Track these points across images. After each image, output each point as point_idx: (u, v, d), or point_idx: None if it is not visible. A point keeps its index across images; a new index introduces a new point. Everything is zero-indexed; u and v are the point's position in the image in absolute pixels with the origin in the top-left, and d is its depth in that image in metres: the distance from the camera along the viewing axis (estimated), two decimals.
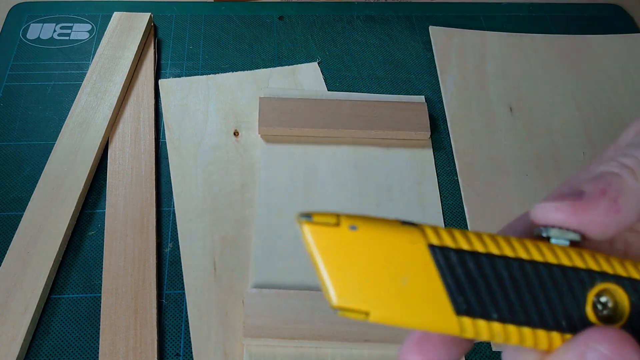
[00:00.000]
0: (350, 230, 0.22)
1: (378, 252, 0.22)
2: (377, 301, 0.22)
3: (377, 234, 0.22)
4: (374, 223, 0.22)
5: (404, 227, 0.22)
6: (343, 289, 0.22)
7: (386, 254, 0.22)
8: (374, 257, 0.22)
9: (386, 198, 0.44)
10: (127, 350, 0.35)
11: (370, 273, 0.22)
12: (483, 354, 0.37)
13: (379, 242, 0.22)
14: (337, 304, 0.22)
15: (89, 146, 0.44)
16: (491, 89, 0.51)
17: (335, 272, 0.22)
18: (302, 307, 0.37)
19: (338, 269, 0.22)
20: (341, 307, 0.22)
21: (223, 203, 0.43)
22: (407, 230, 0.22)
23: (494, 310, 0.22)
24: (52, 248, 0.39)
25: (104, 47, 0.51)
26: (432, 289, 0.22)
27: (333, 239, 0.22)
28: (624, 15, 0.60)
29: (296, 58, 0.53)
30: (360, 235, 0.22)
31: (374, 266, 0.22)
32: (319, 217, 0.22)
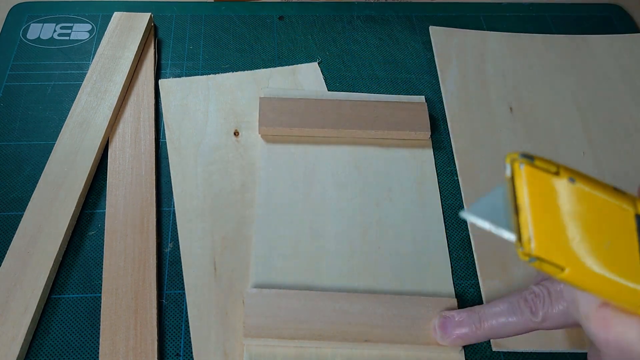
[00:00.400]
0: (569, 182, 0.22)
1: (588, 210, 0.22)
2: (576, 260, 0.21)
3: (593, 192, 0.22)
4: (591, 180, 0.22)
5: (617, 192, 0.22)
6: (545, 238, 0.21)
7: (595, 214, 0.22)
8: (583, 214, 0.22)
9: (386, 198, 0.44)
10: (127, 350, 0.35)
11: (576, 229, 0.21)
12: (483, 354, 0.37)
13: (592, 200, 0.22)
14: (536, 253, 0.21)
15: (89, 146, 0.44)
16: (491, 89, 0.51)
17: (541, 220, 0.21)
18: (302, 307, 0.37)
19: (544, 218, 0.21)
20: (539, 256, 0.21)
21: (223, 203, 0.43)
22: (621, 196, 0.22)
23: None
24: (52, 248, 0.39)
25: (104, 47, 0.51)
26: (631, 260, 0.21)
27: (548, 187, 0.22)
28: (624, 15, 0.60)
29: (296, 58, 0.53)
30: (576, 189, 0.22)
31: (580, 223, 0.21)
32: (541, 162, 0.22)
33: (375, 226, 0.42)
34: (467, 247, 0.42)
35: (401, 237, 0.42)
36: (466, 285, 0.40)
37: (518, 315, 0.32)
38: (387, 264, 0.40)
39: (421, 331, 0.36)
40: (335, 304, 0.37)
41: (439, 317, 0.36)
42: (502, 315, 0.33)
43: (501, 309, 0.33)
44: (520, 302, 0.32)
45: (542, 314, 0.30)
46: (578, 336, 0.37)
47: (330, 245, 0.41)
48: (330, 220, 0.42)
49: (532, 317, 0.31)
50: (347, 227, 0.42)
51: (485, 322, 0.33)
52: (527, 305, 0.31)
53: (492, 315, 0.33)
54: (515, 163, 0.22)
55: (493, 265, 0.41)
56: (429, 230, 0.42)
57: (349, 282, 0.39)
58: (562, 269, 0.21)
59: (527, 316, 0.31)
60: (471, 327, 0.34)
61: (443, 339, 0.35)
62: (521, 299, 0.32)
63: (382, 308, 0.37)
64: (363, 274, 0.40)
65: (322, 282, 0.39)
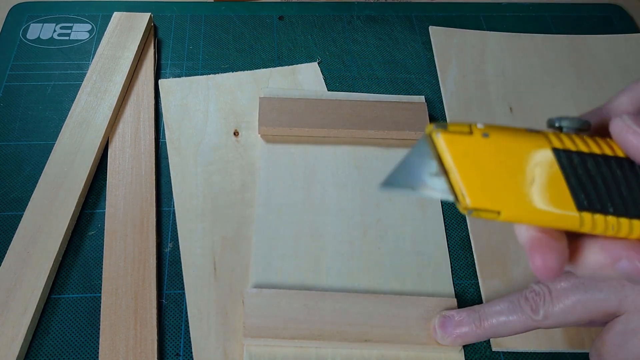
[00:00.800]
0: (483, 137, 0.24)
1: (508, 156, 0.24)
2: (507, 201, 0.24)
3: (507, 140, 0.24)
4: (503, 130, 0.24)
5: (530, 133, 0.25)
6: (476, 191, 0.24)
7: (515, 158, 0.24)
8: (504, 161, 0.24)
9: (386, 198, 0.44)
10: (127, 350, 0.35)
11: (501, 176, 0.24)
12: (483, 354, 0.37)
13: (508, 147, 0.24)
14: (472, 205, 0.24)
15: (89, 146, 0.44)
16: (491, 89, 0.51)
17: (468, 176, 0.24)
18: (302, 307, 0.37)
19: (470, 174, 0.24)
20: (475, 207, 0.24)
21: (223, 203, 0.43)
22: (534, 136, 0.24)
23: (610, 204, 0.24)
24: (52, 248, 0.39)
25: (104, 47, 0.51)
26: (556, 188, 0.24)
27: (466, 146, 0.24)
28: (624, 15, 0.60)
29: (296, 58, 0.53)
30: (491, 141, 0.24)
31: (503, 170, 0.24)
32: (454, 126, 0.24)
33: (375, 226, 0.42)
34: (467, 247, 0.42)
35: (401, 237, 0.42)
36: (466, 285, 0.40)
37: (518, 313, 0.32)
38: (387, 264, 0.40)
39: (421, 331, 0.36)
40: (335, 304, 0.37)
41: (438, 316, 0.36)
42: (502, 313, 0.33)
43: (501, 307, 0.33)
44: (521, 301, 0.32)
45: (542, 313, 0.30)
46: (578, 336, 0.37)
47: (330, 245, 0.41)
48: (330, 220, 0.42)
49: (533, 315, 0.31)
50: (347, 227, 0.42)
51: (486, 321, 0.33)
52: (528, 304, 0.31)
53: (493, 314, 0.33)
54: (433, 133, 0.24)
55: (493, 265, 0.41)
56: (429, 230, 0.42)
57: (349, 282, 0.39)
58: (498, 213, 0.24)
59: (527, 315, 0.31)
60: (471, 326, 0.34)
61: (443, 339, 0.35)
62: (522, 297, 0.32)
63: (382, 308, 0.37)
64: (363, 274, 0.40)
65: (322, 282, 0.39)
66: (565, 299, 0.30)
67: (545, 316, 0.31)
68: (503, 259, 0.41)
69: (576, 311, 0.30)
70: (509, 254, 0.41)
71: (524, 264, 0.40)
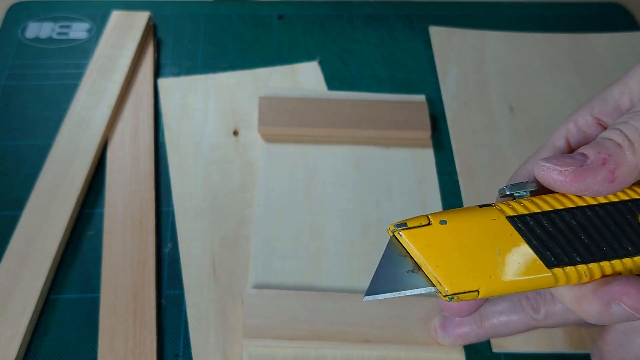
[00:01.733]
0: (441, 225, 0.25)
1: (469, 236, 0.25)
2: (482, 279, 0.25)
3: (463, 221, 0.25)
4: (458, 214, 0.26)
5: (483, 209, 0.26)
6: (451, 278, 0.25)
7: (476, 236, 0.25)
8: (467, 242, 0.25)
9: (386, 198, 0.43)
10: (126, 351, 0.35)
11: (469, 257, 0.25)
12: (484, 355, 0.37)
13: (467, 227, 0.25)
14: (450, 292, 0.24)
15: (87, 146, 0.44)
16: (491, 88, 0.51)
17: (440, 265, 0.25)
18: (302, 307, 0.36)
19: (441, 262, 0.25)
20: (454, 292, 0.24)
21: (222, 203, 0.43)
22: (486, 211, 0.26)
23: (576, 254, 0.25)
24: (51, 248, 0.39)
25: (103, 46, 0.51)
26: (522, 254, 0.25)
27: (429, 237, 0.25)
28: (625, 13, 0.59)
29: (296, 57, 0.53)
30: (449, 227, 0.25)
31: (469, 250, 0.25)
32: (412, 221, 0.26)
33: (375, 226, 0.42)
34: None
35: None
36: None
37: (519, 313, 0.32)
38: None
39: (421, 331, 0.36)
40: (335, 304, 0.37)
41: (439, 317, 0.35)
42: (503, 313, 0.32)
43: (502, 307, 0.33)
44: (522, 300, 0.32)
45: (543, 312, 0.30)
46: (579, 337, 0.37)
47: (330, 245, 0.41)
48: (330, 220, 0.42)
49: (534, 314, 0.31)
50: (347, 227, 0.42)
51: (486, 321, 0.33)
52: (529, 303, 0.31)
53: (493, 314, 0.33)
54: (395, 233, 0.26)
55: None
56: None
57: (349, 282, 0.39)
58: (477, 292, 0.25)
59: (528, 314, 0.31)
60: (472, 326, 0.34)
61: (444, 339, 0.35)
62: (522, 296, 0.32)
63: (382, 308, 0.37)
64: (363, 274, 0.40)
65: (322, 282, 0.39)
66: None
67: (546, 316, 0.30)
68: None
69: None
70: None
71: None
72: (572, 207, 0.26)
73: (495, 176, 0.45)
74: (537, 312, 0.31)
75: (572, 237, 0.25)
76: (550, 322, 0.31)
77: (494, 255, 0.25)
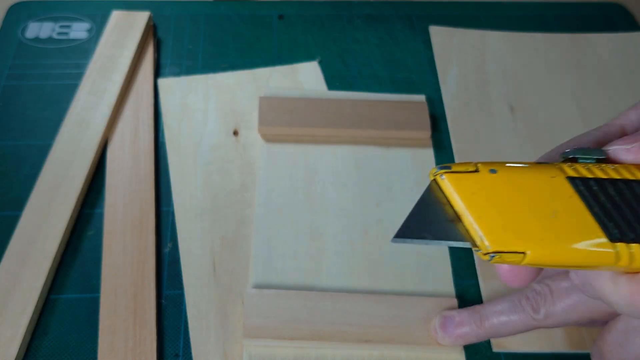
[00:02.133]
0: (491, 173, 0.22)
1: (521, 191, 0.22)
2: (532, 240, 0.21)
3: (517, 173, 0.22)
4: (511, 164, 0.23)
5: (540, 164, 0.23)
6: (495, 233, 0.21)
7: (529, 192, 0.22)
8: (518, 196, 0.22)
9: (386, 198, 0.43)
10: (126, 351, 0.35)
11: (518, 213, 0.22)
12: (484, 355, 0.37)
13: (520, 180, 0.22)
14: (492, 248, 0.21)
15: (87, 146, 0.44)
16: (492, 88, 0.51)
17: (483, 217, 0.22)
18: (302, 307, 0.36)
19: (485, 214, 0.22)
20: (496, 250, 0.21)
21: (223, 203, 0.43)
22: (544, 167, 0.23)
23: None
24: (51, 248, 0.39)
25: (103, 46, 0.51)
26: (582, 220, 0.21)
27: (475, 185, 0.22)
28: (625, 13, 0.59)
29: (296, 57, 0.53)
30: (500, 177, 0.22)
31: (519, 205, 0.22)
32: (458, 166, 0.22)
33: (375, 226, 0.42)
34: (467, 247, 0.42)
35: None
36: (466, 285, 0.40)
37: (520, 313, 0.32)
38: (388, 264, 0.40)
39: (421, 331, 0.36)
40: (335, 304, 0.37)
41: (439, 317, 0.35)
42: (503, 313, 0.32)
43: (502, 307, 0.33)
44: (522, 300, 0.32)
45: (543, 312, 0.30)
46: (579, 337, 0.37)
47: (330, 245, 0.41)
48: (330, 220, 0.42)
49: (534, 315, 0.31)
50: (347, 227, 0.42)
51: (487, 321, 0.33)
52: (529, 303, 0.31)
53: (494, 314, 0.33)
54: (437, 176, 0.23)
55: (493, 265, 0.40)
56: None
57: (349, 282, 0.39)
58: (524, 254, 0.21)
59: (528, 314, 0.31)
60: (472, 326, 0.34)
61: (444, 339, 0.35)
62: (522, 297, 0.32)
63: (382, 308, 0.37)
64: (363, 274, 0.40)
65: (322, 282, 0.39)
66: (566, 298, 0.30)
67: (546, 315, 0.30)
68: None
69: (577, 310, 0.30)
70: None
71: None
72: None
73: None
74: (537, 312, 0.31)
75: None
76: (550, 323, 0.31)
77: (548, 217, 0.21)
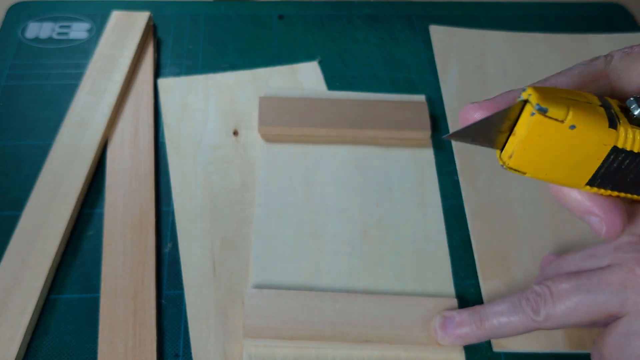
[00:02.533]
0: (570, 129, 0.26)
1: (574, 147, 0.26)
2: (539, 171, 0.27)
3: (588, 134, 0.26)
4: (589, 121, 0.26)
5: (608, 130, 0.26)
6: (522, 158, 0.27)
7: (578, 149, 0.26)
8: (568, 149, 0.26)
9: (386, 198, 0.43)
10: (126, 351, 0.35)
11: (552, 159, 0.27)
12: (484, 355, 0.37)
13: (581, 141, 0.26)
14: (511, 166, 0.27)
15: (87, 146, 0.44)
16: (492, 88, 0.51)
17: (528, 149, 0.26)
18: (302, 307, 0.36)
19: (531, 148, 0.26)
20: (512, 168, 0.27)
21: (223, 203, 0.43)
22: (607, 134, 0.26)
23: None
24: (51, 248, 0.39)
25: (103, 46, 0.51)
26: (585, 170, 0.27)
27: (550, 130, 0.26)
28: (625, 13, 0.59)
29: (296, 57, 0.53)
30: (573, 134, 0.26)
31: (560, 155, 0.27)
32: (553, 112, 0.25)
33: (375, 226, 0.42)
34: (467, 247, 0.42)
35: (401, 237, 0.41)
36: (466, 286, 0.40)
37: (519, 314, 0.32)
38: (387, 264, 0.40)
39: (421, 331, 0.36)
40: (335, 304, 0.37)
41: (439, 317, 0.35)
42: (503, 314, 0.32)
43: (502, 308, 0.33)
44: (522, 301, 0.32)
45: (543, 313, 0.30)
46: (579, 337, 0.37)
47: (330, 245, 0.41)
48: (330, 220, 0.42)
49: (534, 316, 0.31)
50: (347, 227, 0.42)
51: (487, 322, 0.33)
52: (529, 305, 0.31)
53: (494, 315, 0.33)
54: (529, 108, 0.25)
55: (493, 265, 0.40)
56: (429, 230, 0.42)
57: (349, 282, 0.39)
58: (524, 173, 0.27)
59: (528, 315, 0.31)
60: (472, 326, 0.34)
61: (443, 339, 0.35)
62: (523, 298, 0.32)
63: (382, 308, 0.37)
64: (363, 274, 0.40)
65: (322, 282, 0.39)
66: (566, 300, 0.30)
67: (546, 317, 0.30)
68: (504, 260, 0.41)
69: (577, 312, 0.30)
70: (509, 255, 0.41)
71: (525, 264, 0.40)
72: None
73: (495, 176, 0.45)
74: (538, 313, 0.31)
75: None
76: (550, 324, 0.31)
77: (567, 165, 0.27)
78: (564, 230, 0.42)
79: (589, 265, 0.31)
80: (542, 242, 0.41)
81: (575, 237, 0.42)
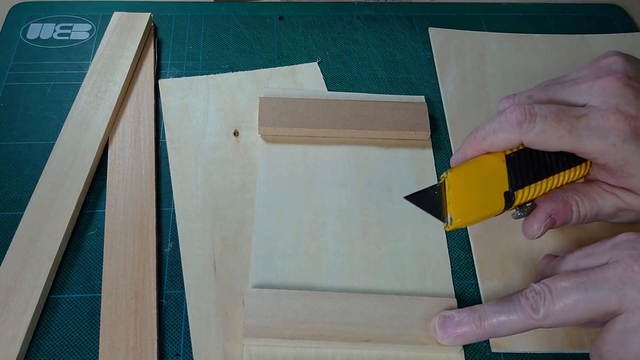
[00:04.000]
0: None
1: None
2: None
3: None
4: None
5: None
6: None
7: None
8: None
9: (386, 198, 0.44)
10: (127, 350, 0.35)
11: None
12: (483, 355, 0.37)
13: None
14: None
15: (88, 146, 0.44)
16: (491, 89, 0.51)
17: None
18: (302, 307, 0.37)
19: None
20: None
21: (223, 203, 0.43)
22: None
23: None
24: (52, 248, 0.39)
25: (104, 47, 0.51)
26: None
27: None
28: (623, 15, 0.60)
29: (296, 58, 0.53)
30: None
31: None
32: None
33: (375, 226, 0.42)
34: (466, 248, 0.42)
35: (401, 237, 0.42)
36: (466, 286, 0.40)
37: (519, 313, 0.32)
38: (387, 264, 0.40)
39: (421, 331, 0.36)
40: (335, 304, 0.37)
41: (438, 316, 0.36)
42: (502, 313, 0.33)
43: (502, 307, 0.33)
44: (521, 300, 0.32)
45: (543, 312, 0.30)
46: (578, 336, 0.37)
47: (330, 245, 0.41)
48: (330, 220, 0.42)
49: (533, 314, 0.31)
50: (347, 227, 0.42)
51: (486, 321, 0.33)
52: (528, 303, 0.31)
53: (493, 314, 0.33)
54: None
55: (492, 265, 0.41)
56: (429, 230, 0.42)
57: (349, 282, 0.39)
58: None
59: (528, 314, 0.31)
60: (471, 325, 0.34)
61: (443, 339, 0.35)
62: (522, 296, 0.32)
63: (382, 308, 0.37)
64: (363, 274, 0.40)
65: (322, 282, 0.39)
66: (565, 298, 0.30)
67: (545, 315, 0.31)
68: (503, 259, 0.41)
69: (576, 310, 0.30)
70: (508, 255, 0.41)
71: (524, 264, 0.40)
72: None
73: None
74: (537, 312, 0.31)
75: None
76: (549, 322, 0.31)
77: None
78: (562, 231, 0.42)
79: (587, 264, 0.32)
80: (541, 243, 0.41)
81: (573, 237, 0.42)
